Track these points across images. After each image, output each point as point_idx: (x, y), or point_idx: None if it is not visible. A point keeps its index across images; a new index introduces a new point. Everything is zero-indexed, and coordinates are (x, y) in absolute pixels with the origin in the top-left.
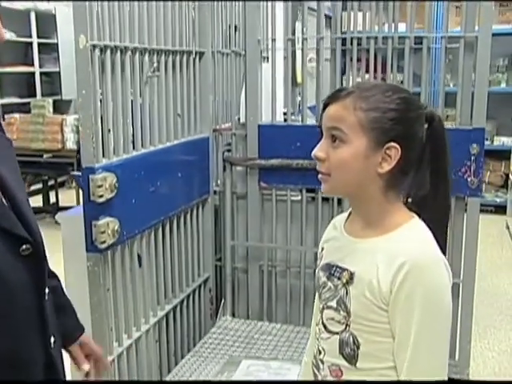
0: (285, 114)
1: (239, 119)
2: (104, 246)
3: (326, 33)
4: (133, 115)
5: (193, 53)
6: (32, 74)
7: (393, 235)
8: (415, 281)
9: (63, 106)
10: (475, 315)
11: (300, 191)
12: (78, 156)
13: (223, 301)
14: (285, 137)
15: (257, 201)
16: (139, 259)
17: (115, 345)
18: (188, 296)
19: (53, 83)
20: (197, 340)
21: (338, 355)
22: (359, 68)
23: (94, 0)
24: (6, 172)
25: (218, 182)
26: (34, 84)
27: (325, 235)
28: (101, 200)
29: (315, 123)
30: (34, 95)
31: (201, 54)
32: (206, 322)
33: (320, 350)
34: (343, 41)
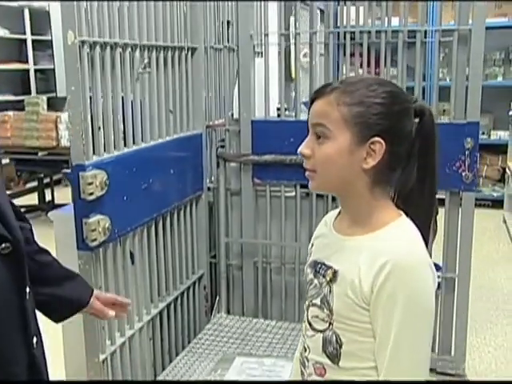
0: (278, 110)
1: (232, 115)
2: (95, 244)
3: (321, 27)
4: (124, 112)
5: (185, 48)
6: (26, 71)
7: (379, 234)
8: (397, 281)
9: (58, 104)
10: (472, 310)
11: (294, 187)
12: None
13: (218, 298)
14: (278, 132)
15: (251, 197)
16: (132, 257)
17: (108, 343)
18: (182, 293)
19: (47, 80)
20: (191, 337)
21: (322, 353)
22: (353, 62)
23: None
24: None
25: (212, 179)
26: (29, 81)
27: (316, 231)
28: (91, 197)
29: None
30: (29, 92)
31: (193, 50)
32: (201, 319)
33: (305, 348)
34: (338, 35)
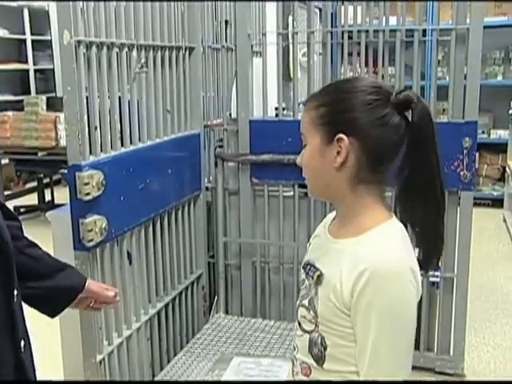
0: (276, 110)
1: (230, 115)
2: (92, 244)
3: (319, 26)
4: (121, 112)
5: (182, 48)
6: (26, 72)
7: (361, 238)
8: (376, 289)
9: (58, 104)
10: (471, 309)
11: (292, 187)
12: None
13: (216, 298)
14: (276, 132)
15: (249, 197)
16: (129, 257)
17: (105, 343)
18: (180, 293)
19: (47, 80)
20: (190, 337)
21: (308, 354)
22: (351, 62)
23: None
24: None
25: (210, 179)
26: (28, 81)
27: (316, 231)
28: (87, 198)
29: None
30: (29, 93)
31: (191, 50)
32: (199, 320)
33: (295, 347)
34: (335, 34)
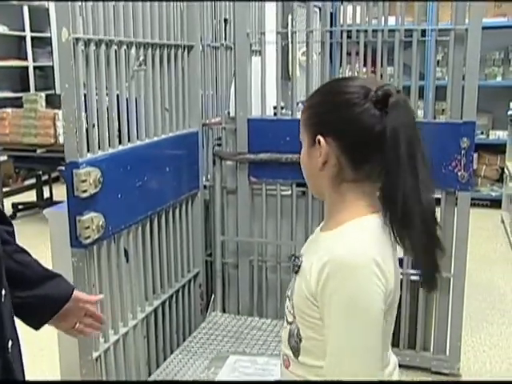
0: (275, 108)
1: (229, 113)
2: (88, 242)
3: (318, 26)
4: (119, 109)
5: (181, 46)
6: (25, 68)
7: (336, 232)
8: (337, 281)
9: (57, 101)
10: (467, 309)
11: (290, 186)
12: None
13: (213, 296)
14: (274, 131)
15: (247, 195)
16: (126, 254)
17: (101, 340)
18: (177, 291)
19: (46, 77)
20: (186, 335)
21: (287, 345)
22: (350, 61)
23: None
24: None
25: (208, 177)
26: (28, 78)
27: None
28: (85, 195)
29: None
30: (28, 89)
31: (189, 48)
32: (196, 318)
33: (281, 338)
34: (334, 34)
